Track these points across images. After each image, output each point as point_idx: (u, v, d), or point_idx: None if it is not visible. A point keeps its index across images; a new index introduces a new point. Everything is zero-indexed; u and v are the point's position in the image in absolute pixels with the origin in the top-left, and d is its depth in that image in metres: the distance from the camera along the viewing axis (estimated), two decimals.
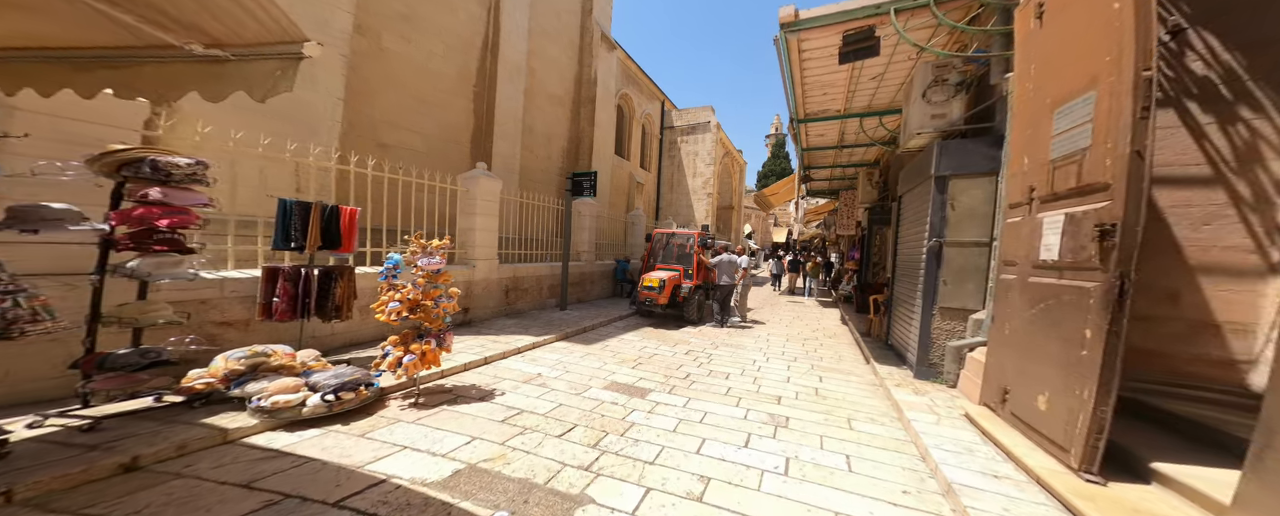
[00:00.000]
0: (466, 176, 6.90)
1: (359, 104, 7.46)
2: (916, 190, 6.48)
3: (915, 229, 6.46)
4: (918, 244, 6.26)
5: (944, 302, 5.29)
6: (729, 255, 9.22)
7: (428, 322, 3.75)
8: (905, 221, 7.19)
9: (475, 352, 5.42)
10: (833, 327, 10.08)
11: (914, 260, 6.47)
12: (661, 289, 8.42)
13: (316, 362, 3.64)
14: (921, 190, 6.20)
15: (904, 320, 6.59)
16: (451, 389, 4.28)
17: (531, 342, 6.12)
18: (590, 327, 7.74)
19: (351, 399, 3.37)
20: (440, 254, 3.76)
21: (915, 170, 6.55)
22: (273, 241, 4.12)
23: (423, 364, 3.68)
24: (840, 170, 15.88)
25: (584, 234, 10.21)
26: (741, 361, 6.48)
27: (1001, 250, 4.13)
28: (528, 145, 10.97)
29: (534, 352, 6.01)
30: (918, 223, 6.36)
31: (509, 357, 5.65)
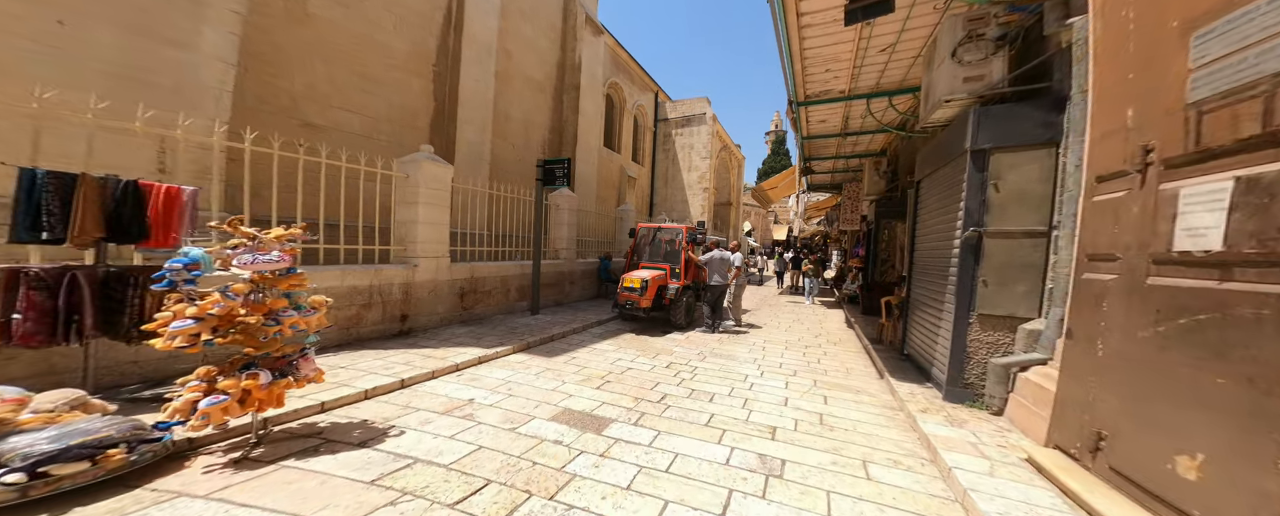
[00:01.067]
0: (405, 160, 5.81)
1: (271, 75, 6.31)
2: (941, 173, 5.33)
3: (939, 219, 5.31)
4: (942, 236, 5.10)
5: (984, 308, 4.13)
6: (721, 252, 8.07)
7: (253, 348, 2.59)
8: (925, 210, 6.03)
9: (390, 374, 4.28)
10: (837, 332, 8.92)
11: (937, 255, 5.31)
12: (644, 290, 7.28)
13: (54, 412, 2.37)
14: (949, 172, 5.05)
15: (927, 327, 5.43)
16: (324, 430, 3.15)
17: (476, 357, 4.98)
18: (560, 335, 6.61)
19: (80, 473, 2.18)
20: (284, 249, 2.60)
21: (939, 149, 5.39)
22: (12, 231, 2.79)
23: (249, 406, 2.52)
24: (844, 162, 14.70)
25: (562, 229, 9.08)
26: (731, 377, 5.34)
27: (1084, 240, 2.98)
28: (502, 133, 9.85)
29: (477, 370, 4.88)
30: (942, 211, 5.20)
31: (439, 378, 4.51)
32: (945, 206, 5.06)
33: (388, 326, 5.61)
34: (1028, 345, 3.78)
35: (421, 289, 5.93)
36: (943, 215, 5.17)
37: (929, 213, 5.79)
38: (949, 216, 4.89)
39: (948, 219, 4.95)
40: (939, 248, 5.23)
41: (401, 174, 5.81)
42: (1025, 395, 3.65)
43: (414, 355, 4.98)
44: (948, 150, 5.01)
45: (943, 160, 5.21)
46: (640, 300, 7.28)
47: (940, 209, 5.26)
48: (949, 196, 4.94)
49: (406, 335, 5.77)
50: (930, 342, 5.25)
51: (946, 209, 5.01)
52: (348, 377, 4.15)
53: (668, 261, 8.24)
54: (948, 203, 4.97)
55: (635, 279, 7.30)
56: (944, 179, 5.22)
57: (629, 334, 7.37)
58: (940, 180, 5.36)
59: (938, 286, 5.13)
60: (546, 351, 5.83)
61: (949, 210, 4.91)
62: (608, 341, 6.73)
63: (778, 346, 7.23)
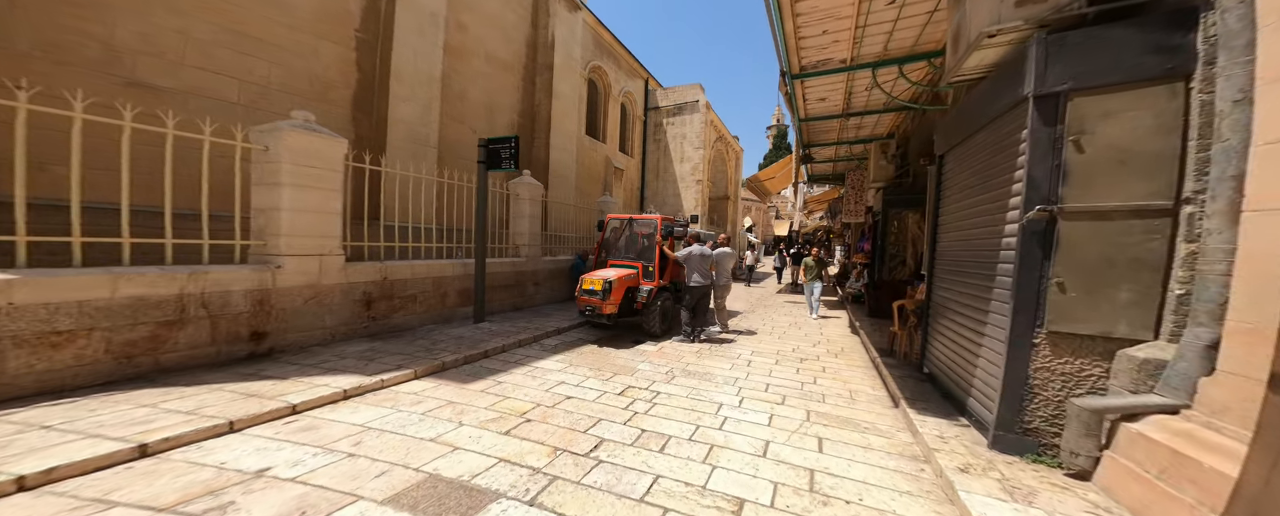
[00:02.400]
0: (263, 129, 4.40)
1: (75, 17, 4.88)
2: (978, 139, 3.95)
3: (975, 199, 3.94)
4: (982, 222, 3.73)
5: (1059, 323, 2.76)
6: (700, 247, 6.72)
7: None
8: (952, 191, 4.64)
9: (118, 437, 2.65)
10: (839, 338, 7.55)
11: (973, 247, 3.95)
12: (607, 293, 5.94)
13: None
14: (990, 137, 3.67)
15: (958, 342, 4.07)
16: None
17: (341, 391, 3.62)
18: (497, 350, 5.26)
19: None
20: None
21: (975, 108, 4.00)
22: None
23: None
24: (847, 148, 13.27)
25: (524, 222, 7.76)
26: (700, 408, 4.00)
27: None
28: (456, 115, 8.53)
29: (332, 410, 3.46)
30: (980, 188, 3.82)
31: (240, 432, 3.03)
32: (986, 181, 3.68)
33: (224, 348, 4.05)
34: (1138, 381, 2.42)
35: (291, 297, 4.54)
36: (981, 194, 3.80)
37: (958, 193, 4.40)
38: (993, 194, 3.52)
39: (991, 198, 3.57)
40: (976, 237, 3.85)
41: (258, 146, 4.32)
42: (1137, 457, 2.29)
43: (228, 392, 3.46)
44: (989, 105, 3.63)
45: (980, 121, 3.83)
46: (603, 305, 5.94)
47: (977, 186, 3.88)
48: (993, 167, 3.56)
49: (259, 358, 4.30)
50: (965, 363, 3.87)
51: (988, 184, 3.63)
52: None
53: (643, 258, 6.90)
54: (991, 176, 3.60)
55: (596, 280, 5.95)
56: (982, 146, 3.84)
57: (590, 346, 6.03)
58: (977, 149, 3.98)
59: (975, 288, 3.76)
60: (466, 374, 4.49)
61: (992, 185, 3.54)
62: (558, 356, 5.39)
63: (767, 359, 5.88)
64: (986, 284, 3.51)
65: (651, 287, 6.70)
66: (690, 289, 6.70)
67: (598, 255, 7.13)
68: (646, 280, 6.80)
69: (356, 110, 6.92)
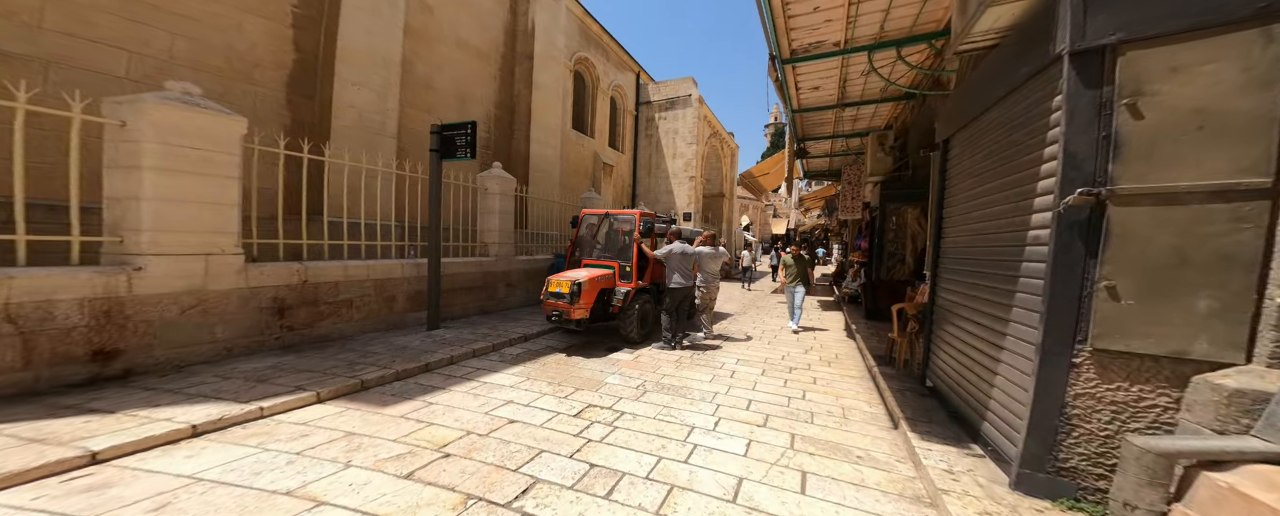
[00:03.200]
0: (120, 101, 3.63)
1: None
2: (990, 116, 3.32)
3: (985, 187, 3.31)
4: (1000, 211, 3.11)
5: (1109, 338, 2.14)
6: (681, 244, 6.10)
7: None
8: (959, 178, 4.01)
9: None
10: (833, 344, 6.92)
11: (982, 243, 3.33)
12: (575, 295, 5.30)
13: None
14: (1005, 113, 3.05)
15: (969, 354, 3.44)
16: None
17: (183, 428, 2.85)
18: (441, 363, 4.62)
19: None
20: None
21: (988, 79, 3.38)
22: None
23: None
24: (843, 142, 12.65)
25: (494, 219, 7.11)
26: (667, 433, 3.38)
27: None
28: (422, 104, 7.88)
29: (153, 456, 2.62)
30: (992, 173, 3.20)
31: None
32: (1003, 164, 3.05)
33: (48, 372, 3.22)
34: (1227, 417, 1.79)
35: (160, 306, 3.71)
36: (995, 179, 3.17)
37: (966, 181, 3.77)
38: (1012, 178, 2.89)
39: (1008, 184, 2.94)
40: (990, 231, 3.23)
41: (112, 121, 3.51)
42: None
43: (6, 437, 2.58)
44: (1005, 75, 3.00)
45: (993, 96, 3.20)
46: (571, 309, 5.30)
47: (991, 171, 3.25)
48: (1012, 147, 2.93)
49: (104, 382, 3.44)
50: (978, 380, 3.25)
51: (1006, 167, 3.00)
52: None
53: (621, 258, 6.27)
54: (1009, 158, 2.97)
55: (563, 282, 5.31)
56: (997, 124, 3.21)
57: (557, 355, 5.40)
58: (989, 129, 3.35)
59: (990, 292, 3.14)
60: (390, 395, 3.84)
61: (1012, 169, 2.91)
62: (515, 368, 4.75)
63: (753, 369, 5.25)
64: (1005, 287, 2.88)
65: (629, 289, 6.07)
66: (670, 291, 6.08)
67: (571, 254, 6.50)
68: (623, 281, 6.17)
69: (293, 93, 6.25)
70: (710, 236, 6.73)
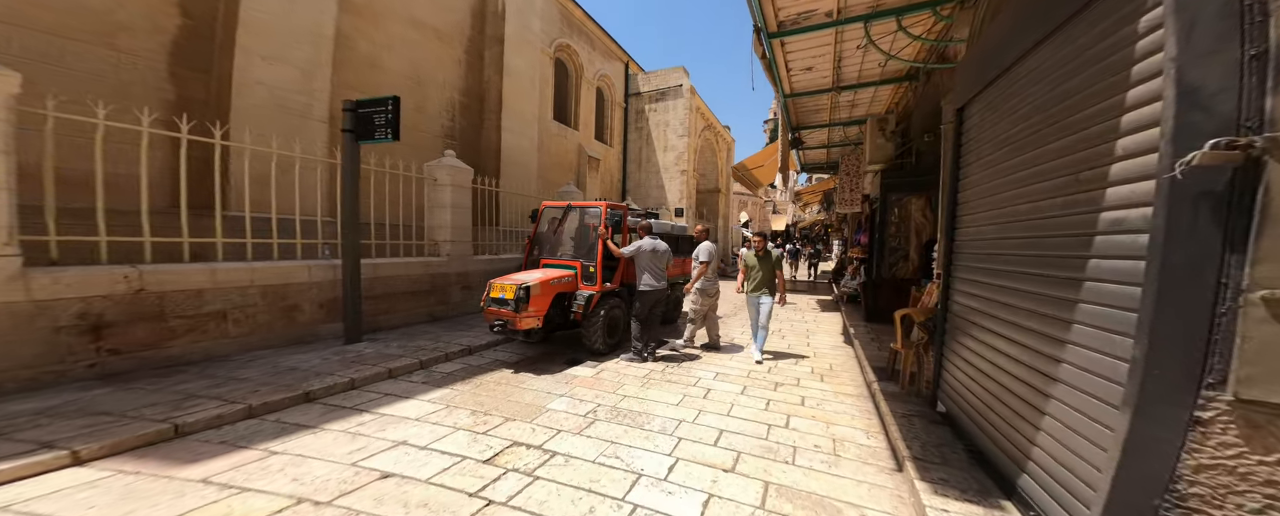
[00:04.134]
0: None
1: None
2: (1026, 67, 2.45)
3: (1023, 158, 2.44)
4: (1039, 190, 2.24)
5: (1265, 384, 1.27)
6: (653, 240, 5.26)
7: None
8: (978, 154, 3.14)
9: None
10: (829, 352, 6.07)
11: (1019, 232, 2.48)
12: (522, 302, 4.44)
13: None
14: (1054, 56, 2.18)
15: (1000, 377, 2.59)
16: None
17: None
18: (338, 387, 3.75)
19: None
20: None
21: (1017, 26, 2.51)
22: None
23: None
24: (841, 130, 11.77)
25: (444, 214, 6.27)
26: (601, 486, 2.55)
27: None
28: (366, 87, 7.00)
29: None
30: (1034, 139, 2.33)
31: None
32: (1055, 122, 2.18)
33: None
34: None
35: None
36: (1040, 147, 2.31)
37: (991, 153, 2.91)
38: (1072, 139, 2.03)
39: (1067, 147, 2.08)
40: (1031, 214, 2.37)
41: None
42: None
43: None
44: (1054, 7, 2.14)
45: (1031, 37, 2.33)
46: (518, 317, 4.45)
47: (1029, 137, 2.39)
48: (1068, 98, 2.07)
49: None
50: (1014, 415, 2.41)
51: (1063, 126, 2.13)
52: None
53: (588, 257, 5.42)
54: (1064, 114, 2.10)
55: (506, 286, 4.46)
56: (1038, 74, 2.34)
57: (502, 371, 4.56)
58: (1026, 81, 2.48)
59: (1033, 297, 2.29)
60: (211, 443, 2.85)
61: (1071, 127, 2.04)
62: (438, 392, 3.88)
63: (732, 387, 4.41)
64: (1059, 293, 2.04)
65: (593, 293, 5.24)
66: (640, 294, 5.24)
67: (529, 252, 5.66)
68: (587, 283, 5.34)
69: (178, 65, 5.29)
70: (704, 230, 5.85)
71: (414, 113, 7.94)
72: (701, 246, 5.58)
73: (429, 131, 8.21)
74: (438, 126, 8.49)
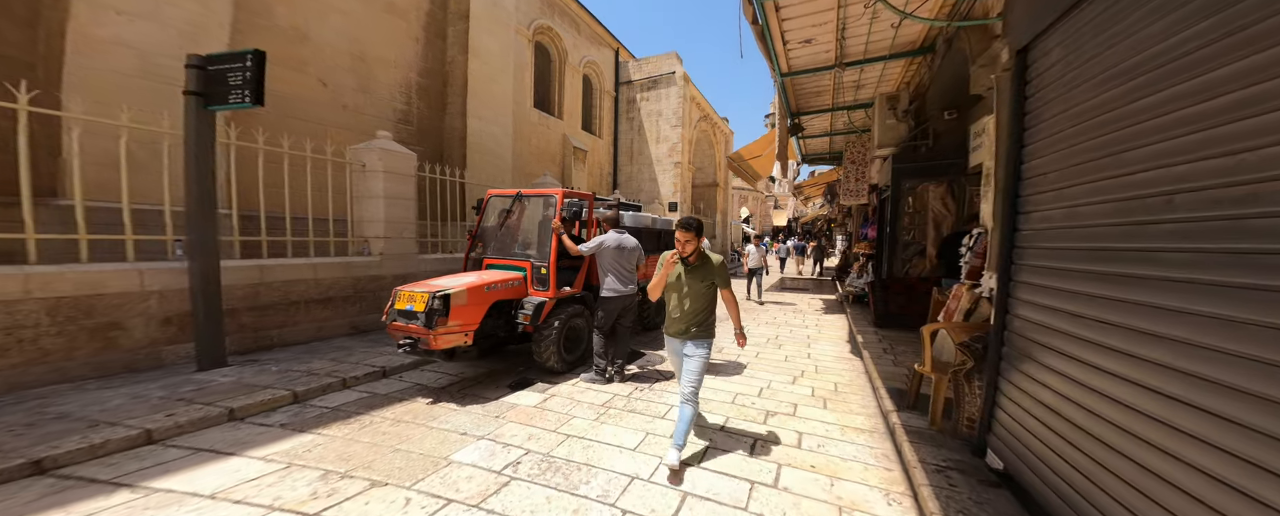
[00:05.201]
0: None
1: None
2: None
3: (1142, 105, 1.42)
4: (1202, 145, 1.22)
5: None
6: (619, 234, 4.24)
7: None
8: (1056, 104, 2.10)
9: None
10: (833, 364, 5.04)
11: (1146, 214, 1.43)
12: (437, 314, 3.41)
13: None
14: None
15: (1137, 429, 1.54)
16: None
17: None
18: (99, 449, 2.60)
19: None
20: None
21: None
22: None
23: None
24: (845, 116, 10.69)
25: (376, 207, 5.23)
26: None
27: None
28: (292, 60, 6.00)
29: None
30: (1174, 70, 1.31)
31: None
32: (1227, 38, 1.17)
33: None
34: None
35: None
36: (1184, 81, 1.28)
37: (1091, 99, 1.87)
38: (1254, 60, 1.01)
39: (1242, 74, 1.06)
40: (1187, 184, 1.35)
41: None
42: None
43: None
44: None
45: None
46: (433, 334, 3.42)
47: (1173, 65, 1.36)
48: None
49: None
50: (1134, 492, 1.38)
51: (1248, 38, 1.11)
52: None
53: (539, 256, 4.39)
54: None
55: (416, 294, 3.44)
56: None
57: (416, 402, 3.55)
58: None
59: (1179, 312, 1.26)
60: None
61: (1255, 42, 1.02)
62: (285, 444, 2.81)
63: (711, 417, 3.40)
64: (1221, 309, 1.01)
65: (545, 299, 4.24)
66: (603, 301, 4.23)
67: (470, 250, 4.65)
68: (538, 288, 4.33)
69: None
70: None
71: (357, 93, 6.94)
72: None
73: (376, 114, 7.20)
74: (389, 110, 7.49)
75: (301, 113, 6.08)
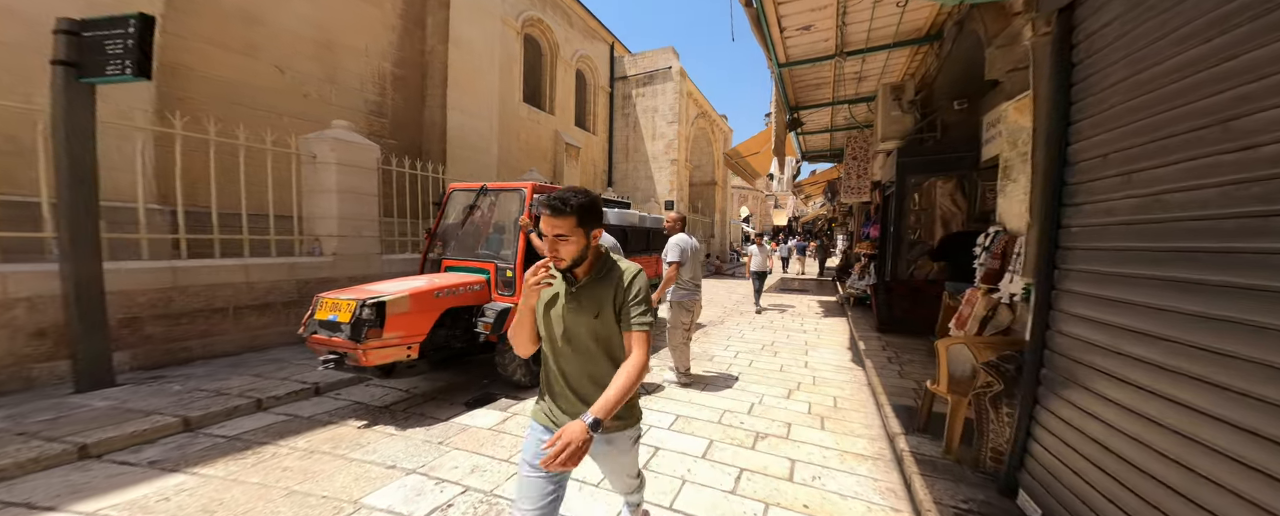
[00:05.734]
0: None
1: None
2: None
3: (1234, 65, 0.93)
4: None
5: None
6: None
7: None
8: (1115, 72, 1.62)
9: None
10: (832, 376, 4.55)
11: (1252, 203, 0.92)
12: (367, 326, 2.89)
13: None
14: None
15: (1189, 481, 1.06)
16: None
17: None
18: None
19: None
20: None
21: None
22: None
23: None
24: (846, 111, 10.20)
25: (329, 202, 4.72)
26: None
27: None
28: (236, 43, 5.50)
29: None
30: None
31: None
32: None
33: None
34: None
35: None
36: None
37: (1166, 59, 1.40)
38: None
39: None
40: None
41: None
42: None
43: None
44: None
45: None
46: (363, 349, 2.91)
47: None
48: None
49: None
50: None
51: None
52: None
53: (504, 258, 3.91)
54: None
55: (341, 302, 2.93)
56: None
57: (344, 426, 3.07)
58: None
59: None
60: None
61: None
62: (155, 484, 2.24)
63: (692, 442, 2.92)
64: None
65: (511, 306, 3.77)
66: None
67: (427, 250, 4.18)
68: (503, 293, 3.86)
69: None
70: (679, 219, 4.28)
71: (323, 83, 6.47)
72: (672, 241, 4.05)
73: (344, 105, 6.72)
74: (359, 101, 7.02)
75: (251, 100, 5.61)
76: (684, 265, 4.00)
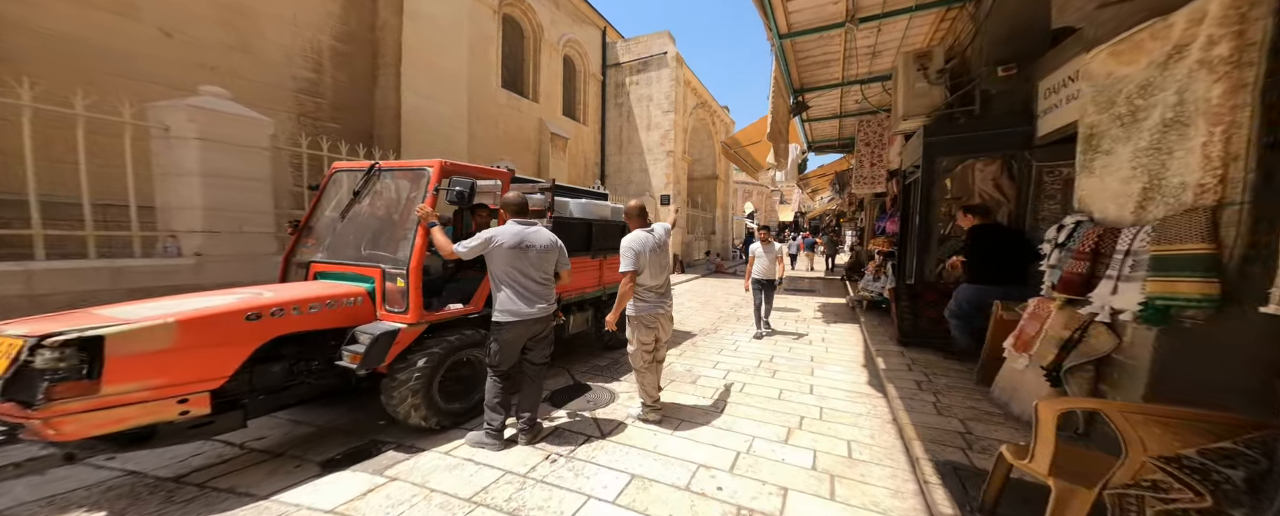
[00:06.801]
0: None
1: None
2: None
3: None
4: None
5: None
6: (520, 227, 2.69)
7: None
8: None
9: None
10: (845, 408, 3.39)
11: None
12: (52, 377, 1.68)
13: None
14: None
15: None
16: None
17: None
18: None
19: None
20: None
21: None
22: None
23: None
24: (858, 92, 8.98)
25: (192, 191, 3.42)
26: None
27: None
28: (123, 7, 4.47)
29: None
30: None
31: None
32: None
33: None
34: None
35: None
36: None
37: None
38: None
39: None
40: None
41: None
42: None
43: None
44: None
45: None
46: (45, 418, 1.61)
47: None
48: None
49: None
50: None
51: None
52: None
53: (393, 261, 2.83)
54: None
55: (6, 339, 1.78)
56: None
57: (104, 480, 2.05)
58: None
59: None
60: None
61: None
62: None
63: (651, 513, 1.84)
64: None
65: (400, 327, 2.70)
66: (494, 327, 2.67)
67: (291, 251, 3.12)
68: (392, 310, 2.78)
69: None
70: (638, 209, 3.14)
71: (232, 52, 5.41)
72: (625, 243, 2.92)
73: (263, 81, 5.65)
74: (285, 77, 5.98)
75: (130, 69, 4.58)
76: (641, 272, 2.89)
